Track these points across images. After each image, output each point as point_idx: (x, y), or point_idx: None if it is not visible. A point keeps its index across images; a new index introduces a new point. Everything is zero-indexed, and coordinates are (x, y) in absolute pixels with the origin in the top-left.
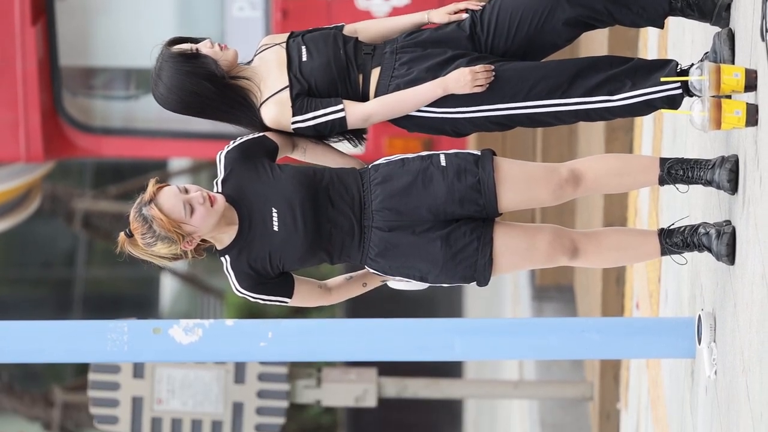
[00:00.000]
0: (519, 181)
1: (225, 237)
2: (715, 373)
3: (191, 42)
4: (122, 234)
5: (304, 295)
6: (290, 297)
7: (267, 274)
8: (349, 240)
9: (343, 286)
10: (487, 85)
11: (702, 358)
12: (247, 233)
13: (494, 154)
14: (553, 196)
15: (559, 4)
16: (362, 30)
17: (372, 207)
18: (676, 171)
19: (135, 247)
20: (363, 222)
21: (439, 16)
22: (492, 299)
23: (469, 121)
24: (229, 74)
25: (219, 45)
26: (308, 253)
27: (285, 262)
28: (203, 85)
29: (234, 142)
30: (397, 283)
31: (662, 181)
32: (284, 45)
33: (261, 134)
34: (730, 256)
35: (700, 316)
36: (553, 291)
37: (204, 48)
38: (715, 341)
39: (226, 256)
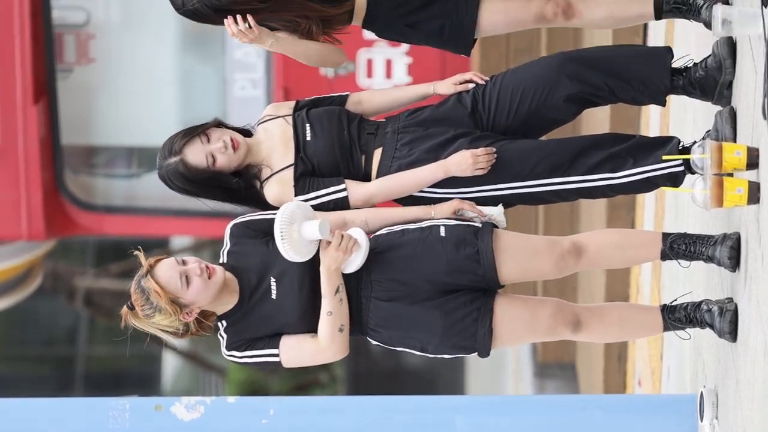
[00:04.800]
0: (519, 252)
1: (227, 306)
2: None
3: (202, 136)
4: (125, 306)
5: (294, 344)
6: (277, 348)
7: (258, 337)
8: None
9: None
10: (489, 167)
11: None
12: (247, 302)
13: (495, 226)
14: (556, 267)
15: (560, 81)
16: (367, 101)
17: (371, 277)
18: (679, 246)
19: (137, 319)
20: (361, 292)
21: (445, 87)
22: (494, 376)
23: (471, 201)
24: (239, 166)
25: (232, 145)
26: (302, 320)
27: (281, 327)
28: (216, 193)
29: (245, 217)
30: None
31: (664, 256)
32: (289, 119)
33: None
34: (732, 333)
35: (702, 393)
36: (555, 368)
37: (219, 153)
38: (717, 418)
39: (222, 321)
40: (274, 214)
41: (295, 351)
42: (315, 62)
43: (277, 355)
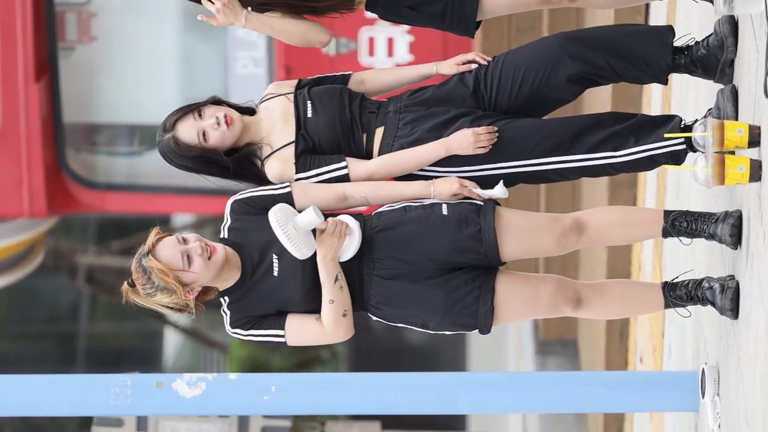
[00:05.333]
0: (521, 230)
1: (228, 281)
2: (719, 426)
3: (195, 112)
4: (125, 284)
5: (300, 325)
6: (283, 329)
7: (263, 315)
8: (348, 287)
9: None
10: (490, 146)
11: (706, 411)
12: (249, 278)
13: (498, 204)
14: (557, 244)
15: (561, 61)
16: (370, 80)
17: (373, 255)
18: (680, 223)
19: (138, 296)
20: (363, 270)
21: (448, 67)
22: (495, 353)
23: (472, 179)
24: (236, 145)
25: (225, 121)
26: (306, 298)
27: (284, 304)
28: (212, 169)
29: (246, 193)
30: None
31: (666, 234)
32: (291, 97)
33: (286, 191)
34: (734, 311)
35: (703, 370)
36: (557, 345)
37: (211, 130)
38: (718, 395)
39: (225, 297)
40: (275, 189)
41: (301, 332)
42: (295, 41)
43: (282, 336)
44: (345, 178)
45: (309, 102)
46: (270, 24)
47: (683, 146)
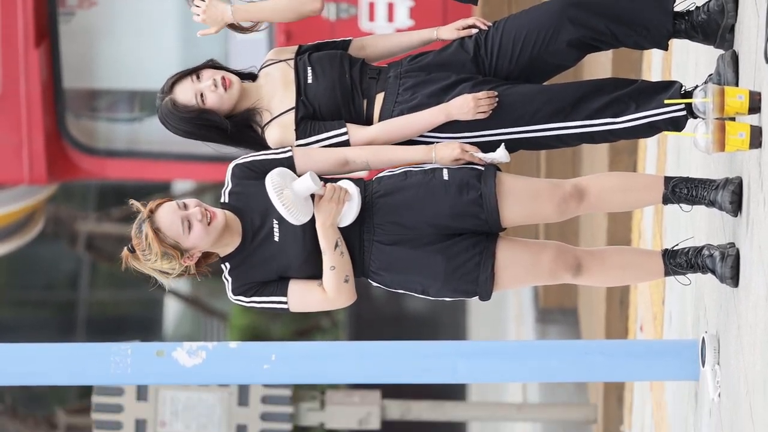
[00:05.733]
0: (522, 196)
1: (229, 246)
2: (719, 395)
3: (193, 75)
4: (125, 249)
5: (302, 292)
6: (285, 295)
7: (264, 281)
8: (349, 253)
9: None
10: (491, 111)
11: (706, 380)
12: (249, 243)
13: (498, 169)
14: (558, 210)
15: (562, 26)
16: (370, 45)
17: (374, 220)
18: (680, 189)
19: (137, 262)
20: (363, 235)
21: (448, 32)
22: (496, 321)
23: (473, 145)
24: (234, 110)
25: (223, 83)
26: (306, 263)
27: (284, 270)
28: (211, 134)
29: (247, 157)
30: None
31: (666, 200)
32: (291, 63)
33: (287, 155)
34: (734, 279)
35: (704, 338)
36: (557, 313)
37: (208, 92)
38: (719, 363)
39: (226, 264)
40: (276, 153)
41: (303, 299)
42: (288, 16)
43: (285, 302)
44: (345, 144)
45: (309, 68)
46: (257, 7)
47: (683, 112)
